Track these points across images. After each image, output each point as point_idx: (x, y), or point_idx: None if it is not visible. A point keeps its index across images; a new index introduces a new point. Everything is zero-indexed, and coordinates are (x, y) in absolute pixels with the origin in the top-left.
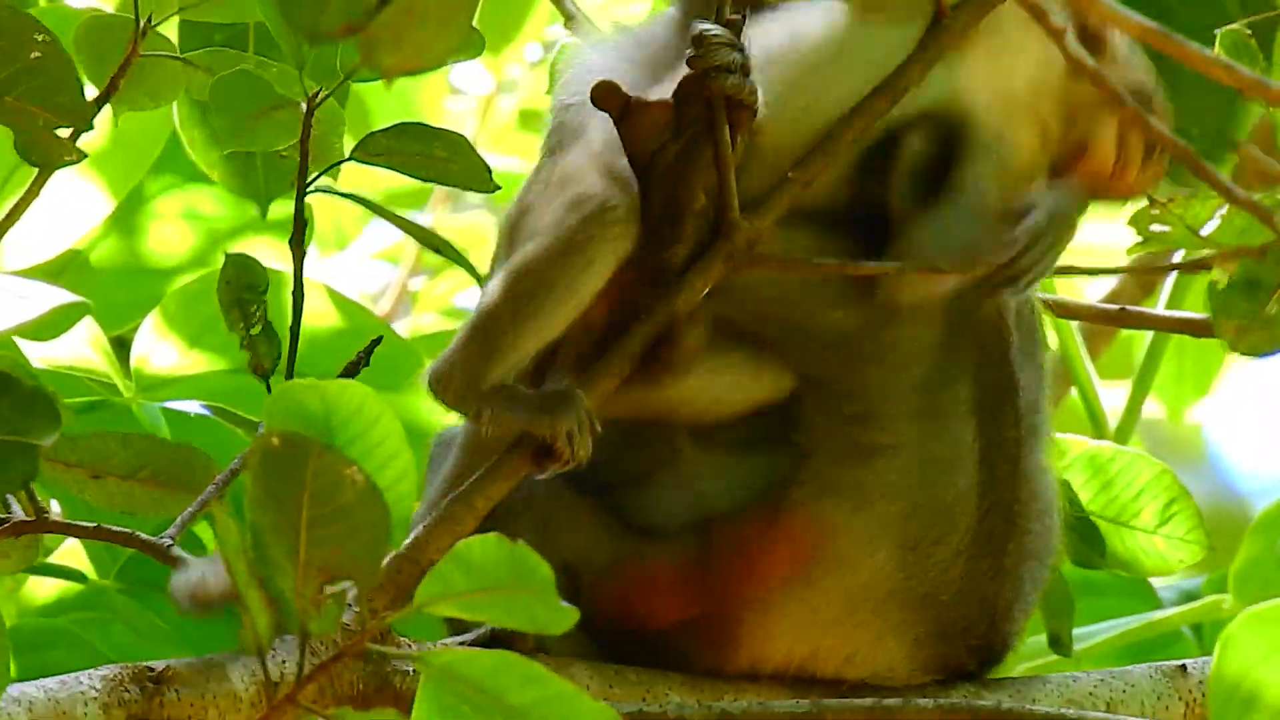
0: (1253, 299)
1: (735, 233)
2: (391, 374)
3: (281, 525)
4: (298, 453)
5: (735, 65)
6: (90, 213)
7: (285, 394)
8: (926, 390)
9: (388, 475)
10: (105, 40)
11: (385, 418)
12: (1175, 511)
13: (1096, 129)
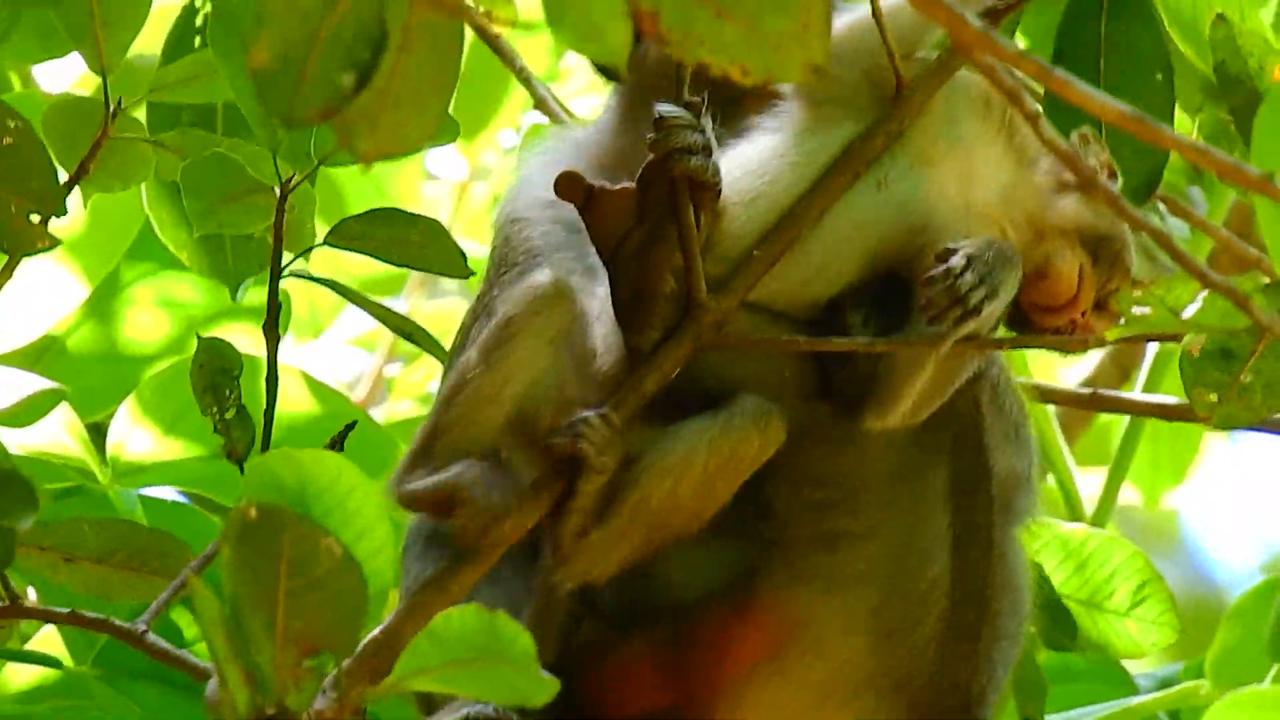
0: (1226, 369)
1: (703, 314)
2: (367, 460)
3: (259, 596)
4: (274, 523)
5: (697, 146)
6: (66, 299)
7: (261, 466)
8: (900, 477)
9: (365, 546)
10: (76, 123)
11: (361, 488)
12: (1147, 595)
13: (1058, 258)
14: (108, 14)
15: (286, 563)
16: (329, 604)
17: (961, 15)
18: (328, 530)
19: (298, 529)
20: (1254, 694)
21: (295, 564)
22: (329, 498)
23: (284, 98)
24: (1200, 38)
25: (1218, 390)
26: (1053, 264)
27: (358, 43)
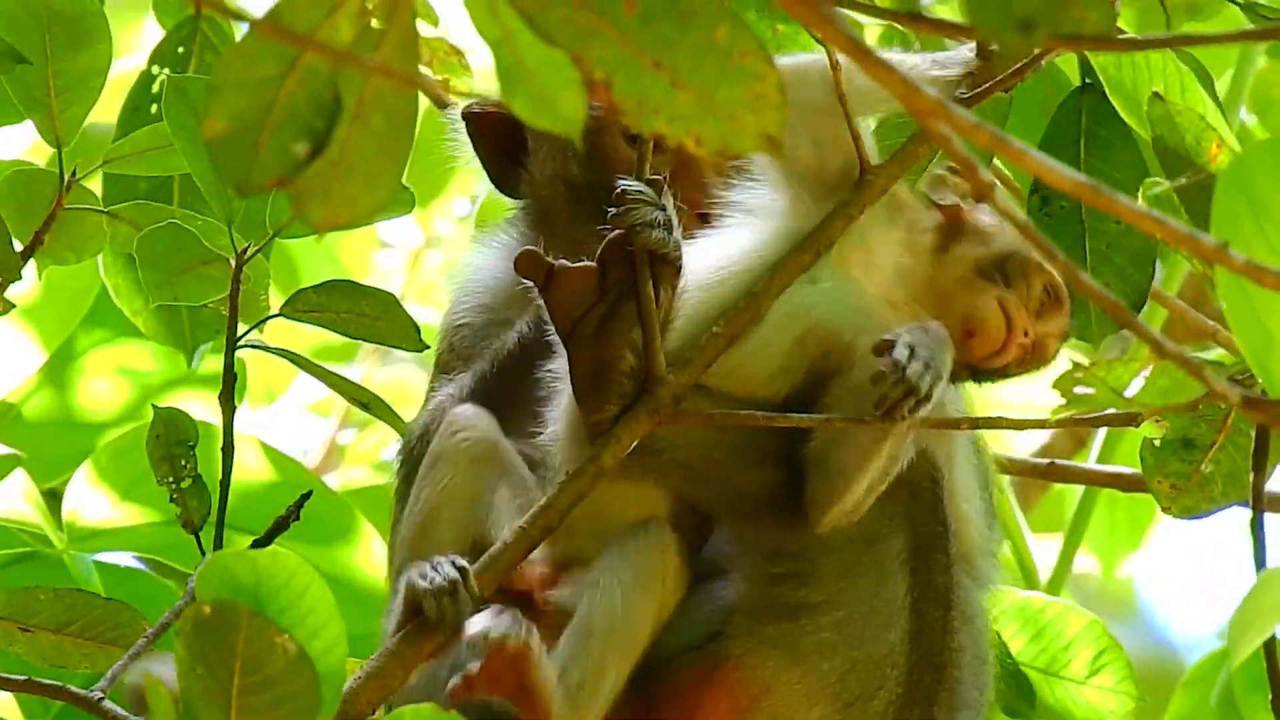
0: (1187, 459)
1: (660, 388)
2: (323, 527)
3: (213, 693)
4: (229, 621)
5: (658, 221)
6: (22, 366)
7: (217, 563)
8: (859, 545)
9: (317, 645)
10: (30, 193)
11: (315, 587)
12: (1105, 662)
13: (974, 307)
14: (63, 85)
15: (241, 660)
16: (282, 701)
17: (916, 85)
18: (282, 629)
19: (252, 627)
20: None
21: (249, 661)
22: (284, 596)
23: (238, 166)
24: (1140, 110)
25: (1179, 480)
26: (973, 316)
27: (312, 111)
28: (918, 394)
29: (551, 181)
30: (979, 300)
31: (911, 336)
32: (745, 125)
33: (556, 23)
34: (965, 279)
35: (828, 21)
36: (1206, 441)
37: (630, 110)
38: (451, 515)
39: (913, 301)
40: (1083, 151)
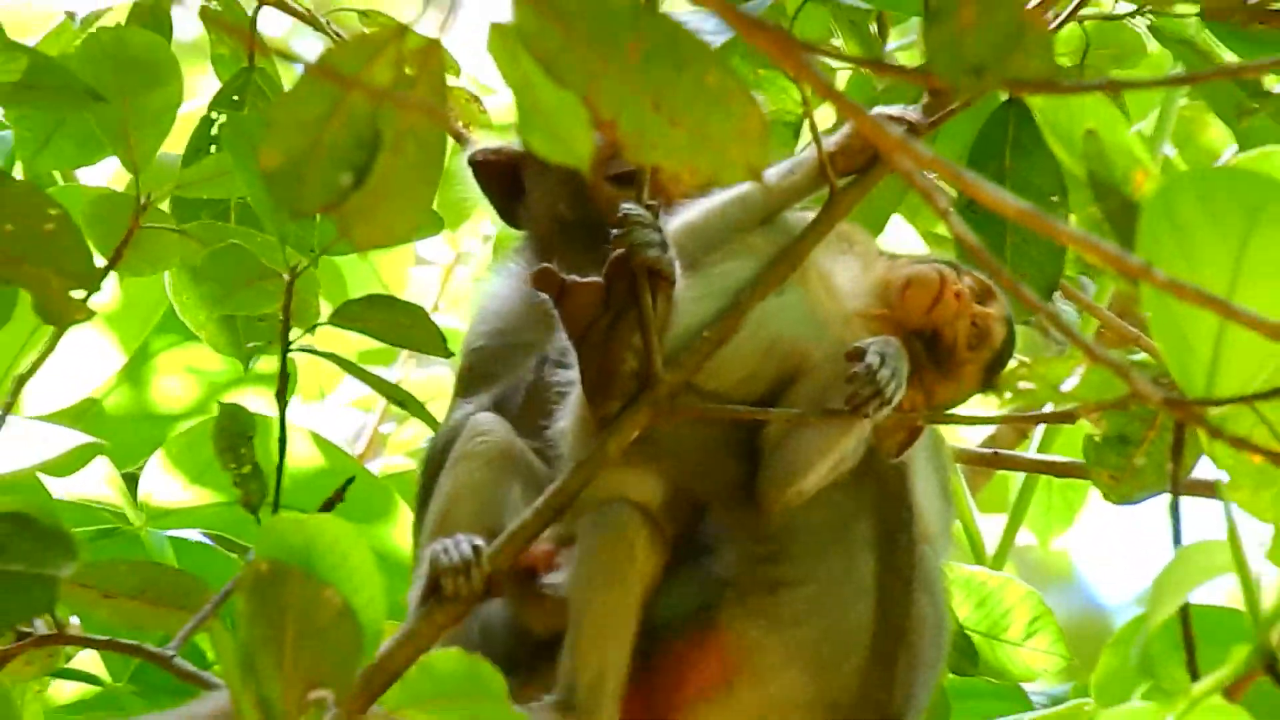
0: (1123, 453)
1: (659, 385)
2: (366, 507)
3: (269, 640)
4: (283, 578)
5: (655, 242)
6: (104, 366)
7: (272, 528)
8: (830, 529)
9: (360, 599)
10: (111, 214)
11: (358, 549)
12: (1039, 628)
13: (915, 268)
14: (138, 121)
15: (293, 612)
16: (329, 648)
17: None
18: (329, 584)
19: (303, 583)
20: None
21: (300, 613)
22: (331, 556)
23: (291, 193)
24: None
25: (1116, 471)
26: (911, 275)
27: (354, 146)
28: (884, 395)
29: (545, 218)
30: (918, 265)
31: (879, 346)
32: (733, 158)
33: (569, 69)
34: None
35: (804, 68)
36: (1139, 437)
37: (633, 145)
38: (469, 507)
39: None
40: (1008, 157)
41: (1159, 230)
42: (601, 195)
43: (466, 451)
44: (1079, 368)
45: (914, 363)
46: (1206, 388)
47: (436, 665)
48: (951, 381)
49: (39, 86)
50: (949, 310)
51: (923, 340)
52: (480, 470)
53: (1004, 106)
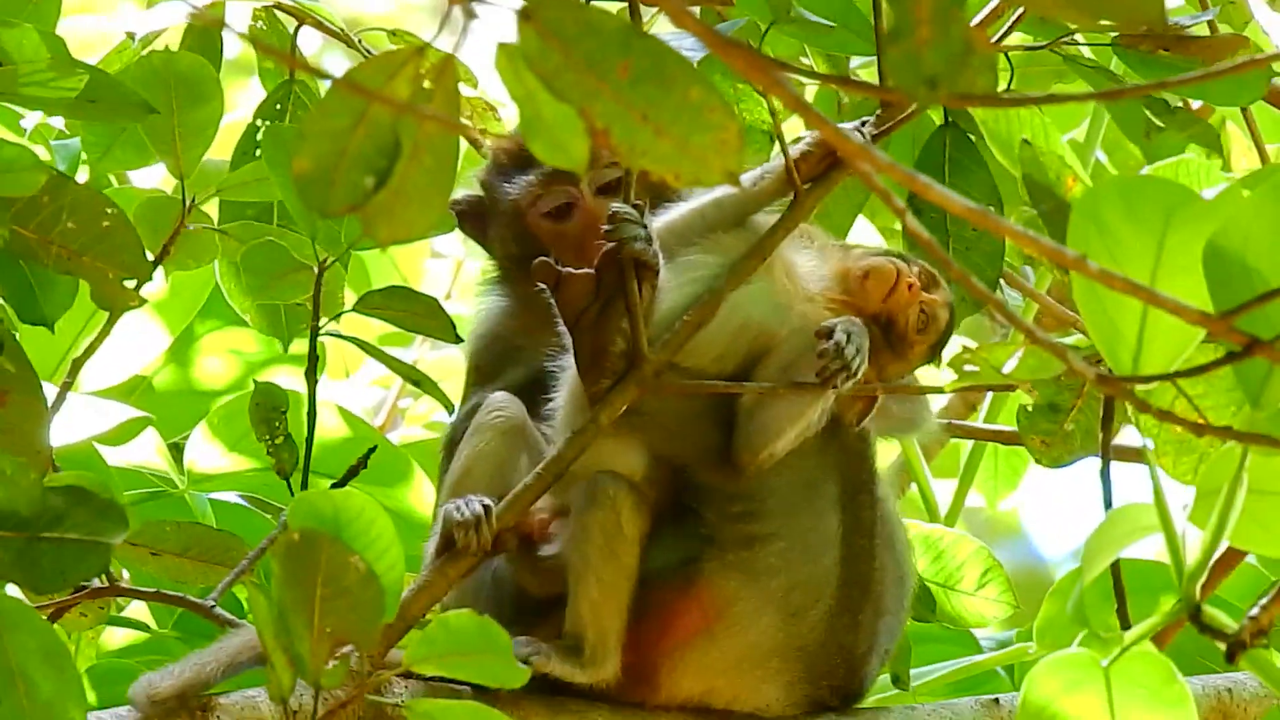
0: (1053, 420)
1: (645, 364)
2: (386, 474)
3: (301, 601)
4: (313, 545)
5: (641, 236)
6: (153, 348)
7: (304, 500)
8: (799, 489)
9: (383, 564)
10: (159, 215)
11: (381, 519)
12: (990, 579)
13: (872, 260)
14: (184, 132)
15: (322, 575)
16: (354, 608)
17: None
18: (354, 551)
19: (331, 550)
20: (1069, 656)
21: (329, 577)
22: (356, 526)
23: (320, 196)
24: (1012, 152)
25: (1047, 436)
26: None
27: (377, 154)
28: (850, 369)
29: (503, 253)
30: (874, 259)
31: (845, 325)
32: (713, 165)
33: (567, 85)
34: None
35: (776, 84)
36: (1068, 406)
37: (623, 153)
38: (482, 472)
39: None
40: (946, 175)
41: (1086, 230)
42: (540, 231)
43: (482, 424)
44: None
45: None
46: (1133, 366)
47: (451, 623)
48: (902, 360)
49: (100, 100)
50: (902, 299)
51: (878, 324)
52: (494, 440)
53: (941, 130)
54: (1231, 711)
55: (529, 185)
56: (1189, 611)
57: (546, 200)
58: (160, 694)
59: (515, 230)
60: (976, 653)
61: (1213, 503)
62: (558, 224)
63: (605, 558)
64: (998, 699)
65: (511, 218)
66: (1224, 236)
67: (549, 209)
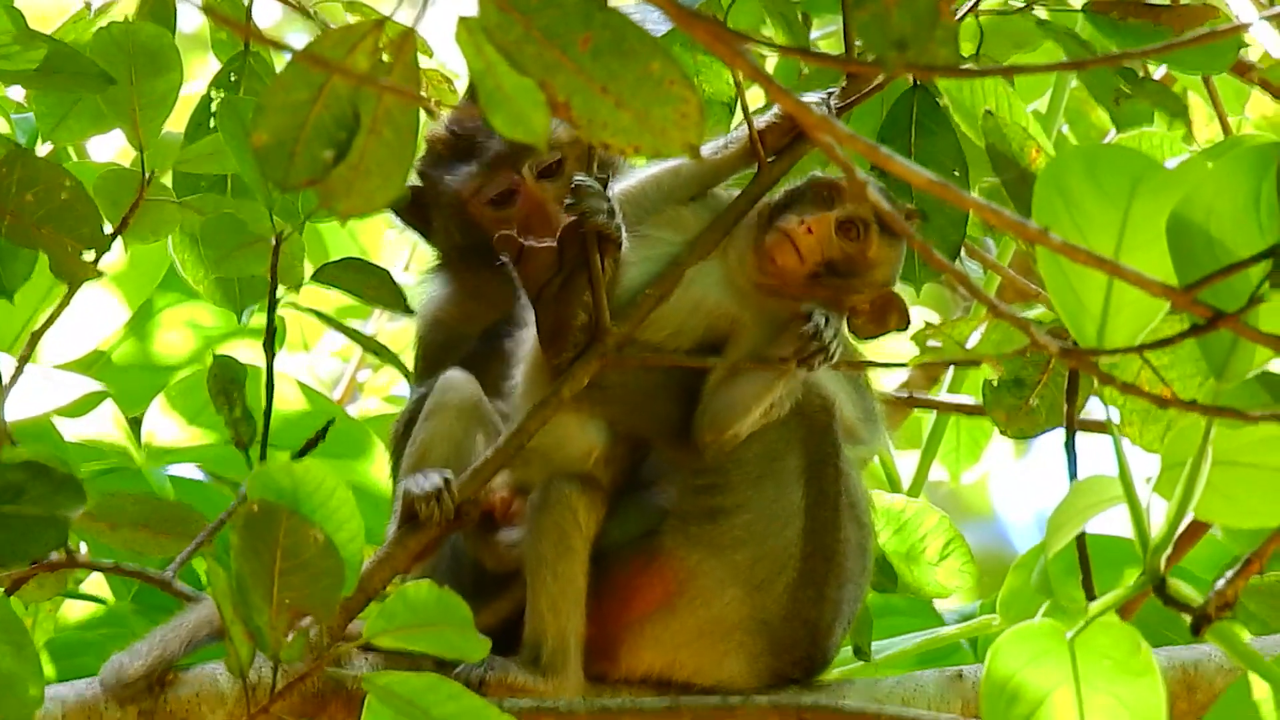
0: (1018, 394)
1: (607, 337)
2: (345, 447)
3: (259, 573)
4: (272, 518)
5: (603, 209)
6: (111, 321)
7: (263, 472)
8: (762, 461)
9: (342, 536)
10: (119, 187)
11: (340, 490)
12: (952, 550)
13: (766, 240)
14: (144, 103)
15: (281, 548)
16: (313, 581)
17: (806, 105)
18: (314, 523)
19: (290, 522)
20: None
21: (288, 549)
22: (315, 498)
23: (279, 169)
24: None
25: (1011, 411)
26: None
27: (336, 127)
28: (828, 351)
29: (446, 243)
30: (770, 235)
31: (824, 311)
32: (673, 138)
33: (528, 57)
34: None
35: (738, 56)
36: (1033, 380)
37: (584, 125)
38: (440, 453)
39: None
40: (913, 137)
41: (1051, 199)
42: (484, 219)
43: (439, 404)
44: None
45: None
46: (1098, 339)
47: (410, 594)
48: (874, 267)
49: (58, 71)
50: (812, 244)
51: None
52: (452, 421)
53: (909, 92)
54: (1197, 685)
55: (469, 175)
56: (1154, 583)
57: (488, 189)
58: (131, 675)
59: (458, 220)
60: (939, 625)
61: (1178, 474)
62: (501, 211)
63: (561, 562)
64: (961, 672)
65: (453, 208)
66: (1187, 207)
67: (491, 197)
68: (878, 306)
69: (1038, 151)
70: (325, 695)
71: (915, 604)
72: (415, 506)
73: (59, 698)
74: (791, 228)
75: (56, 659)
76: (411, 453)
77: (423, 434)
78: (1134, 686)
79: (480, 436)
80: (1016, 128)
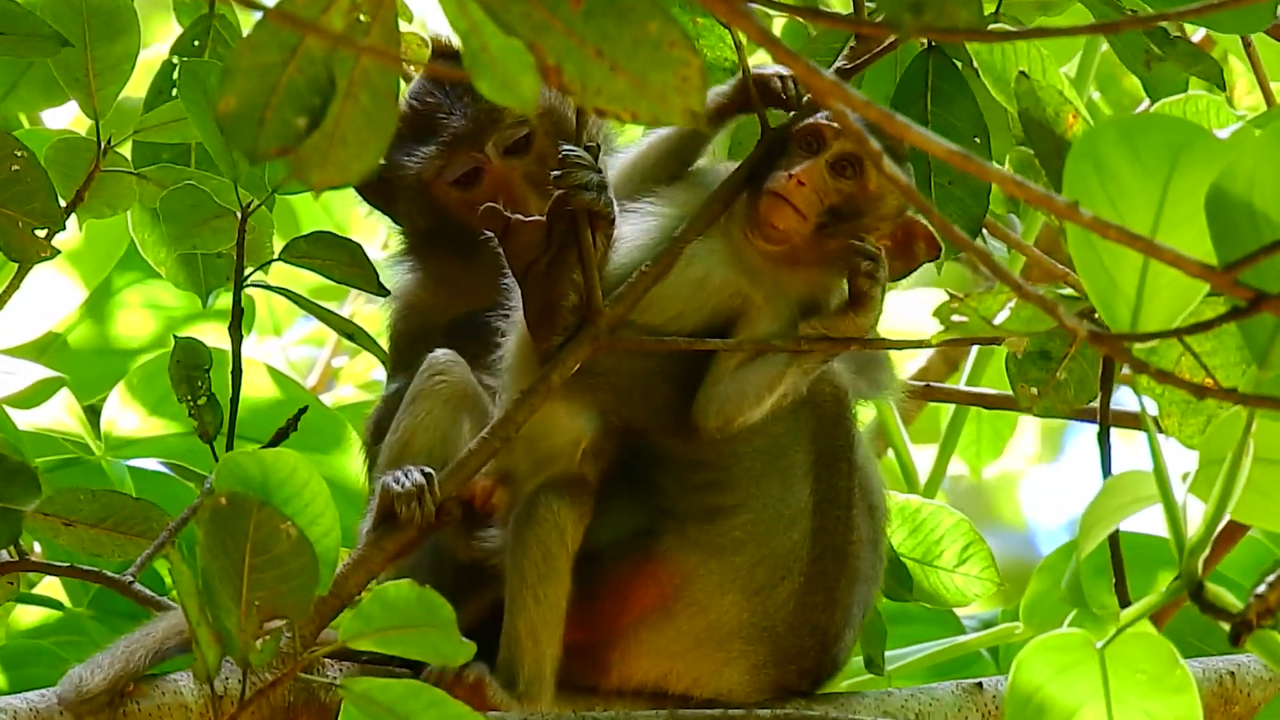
0: (1045, 368)
1: (599, 319)
2: (319, 437)
3: (227, 571)
4: (241, 510)
5: (594, 183)
6: (66, 302)
7: (230, 461)
8: (766, 457)
9: (316, 530)
10: (73, 158)
11: (313, 481)
12: (971, 554)
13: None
14: (100, 68)
15: (251, 543)
16: (286, 578)
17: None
18: (286, 516)
19: (261, 515)
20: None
21: (258, 544)
22: (287, 489)
23: (248, 138)
24: (1008, 88)
25: (1037, 386)
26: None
27: (310, 91)
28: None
29: (410, 228)
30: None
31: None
32: (673, 104)
33: (515, 17)
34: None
35: (742, 16)
36: (1060, 353)
37: (576, 91)
38: (423, 443)
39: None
40: (929, 102)
41: (1084, 172)
42: (449, 200)
43: (424, 390)
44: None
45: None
46: (1132, 323)
47: (389, 595)
48: (880, 199)
49: (8, 33)
50: (809, 197)
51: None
52: (437, 409)
53: (924, 54)
54: (1234, 697)
55: (430, 156)
56: (1190, 589)
57: (451, 169)
58: (90, 690)
59: (421, 204)
60: (958, 633)
61: (1216, 472)
62: (466, 192)
63: (543, 584)
64: (981, 683)
65: (415, 191)
66: (1228, 180)
67: (455, 178)
68: (900, 239)
69: (1075, 117)
70: (296, 706)
71: (933, 611)
72: (395, 506)
73: (10, 709)
74: (782, 185)
75: (7, 668)
76: (392, 442)
77: (406, 421)
78: (1169, 703)
79: (468, 425)
80: (1052, 91)
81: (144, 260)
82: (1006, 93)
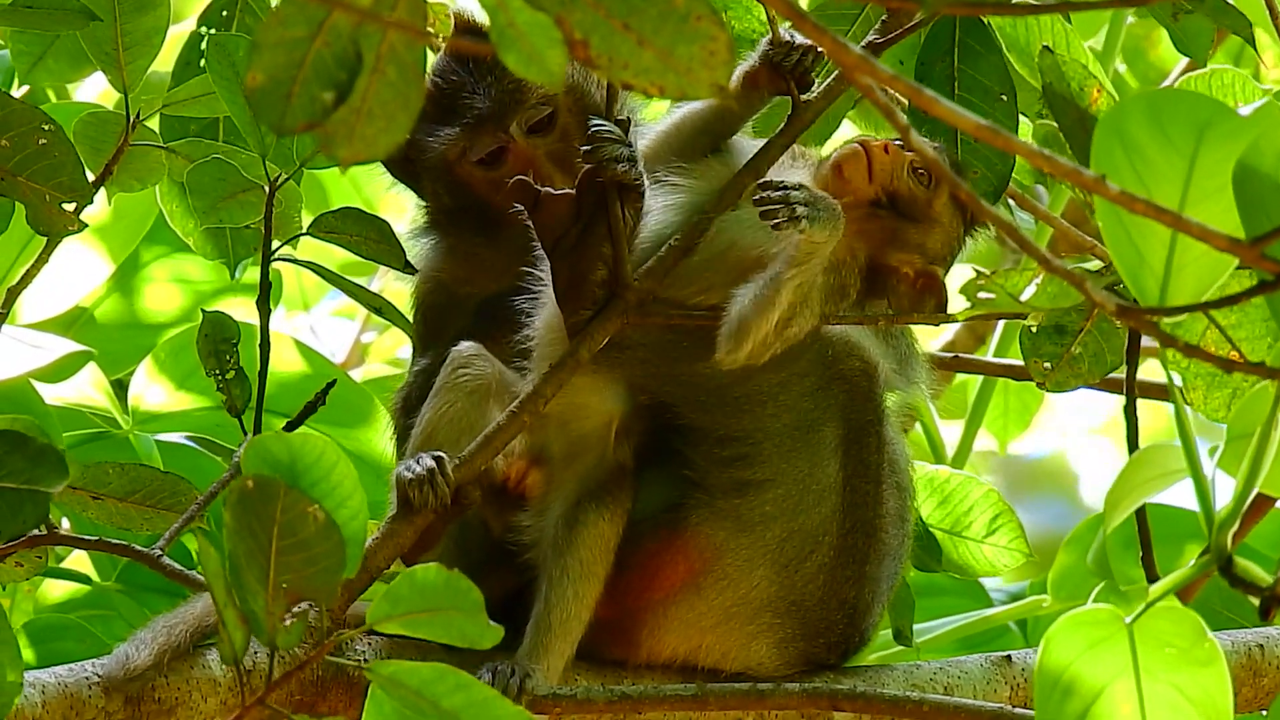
0: (1059, 342)
1: (628, 293)
2: (348, 413)
3: (254, 554)
4: (268, 493)
5: (623, 156)
6: (94, 276)
7: (258, 444)
8: (797, 431)
9: (343, 513)
10: (101, 132)
11: (342, 463)
12: (1000, 524)
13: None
14: (129, 42)
15: (278, 526)
16: (313, 561)
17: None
18: (313, 499)
19: (288, 498)
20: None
21: (285, 527)
22: (315, 472)
23: (275, 112)
24: (1032, 62)
25: (1051, 360)
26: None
27: (337, 66)
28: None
29: (436, 203)
30: (840, 150)
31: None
32: (700, 78)
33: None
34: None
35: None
36: (1075, 328)
37: (603, 65)
38: (446, 435)
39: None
40: (956, 59)
41: (1111, 146)
42: (474, 180)
43: (448, 383)
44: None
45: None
46: (1160, 297)
47: (418, 578)
48: (934, 225)
49: (35, 7)
50: (886, 166)
51: (887, 207)
52: (460, 401)
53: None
54: (1263, 669)
55: (454, 136)
56: (1219, 563)
57: (476, 149)
58: (137, 667)
59: (445, 183)
60: (987, 606)
61: (1244, 446)
62: (491, 171)
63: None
64: (1009, 656)
65: (440, 170)
66: (1255, 155)
67: (480, 157)
68: (920, 283)
69: (1099, 92)
70: (325, 683)
71: (961, 583)
72: (407, 492)
73: (39, 684)
74: (869, 141)
75: (35, 642)
76: (417, 434)
77: (429, 414)
78: (1198, 677)
79: (494, 414)
80: (1076, 65)
81: (172, 234)
82: (1030, 66)
